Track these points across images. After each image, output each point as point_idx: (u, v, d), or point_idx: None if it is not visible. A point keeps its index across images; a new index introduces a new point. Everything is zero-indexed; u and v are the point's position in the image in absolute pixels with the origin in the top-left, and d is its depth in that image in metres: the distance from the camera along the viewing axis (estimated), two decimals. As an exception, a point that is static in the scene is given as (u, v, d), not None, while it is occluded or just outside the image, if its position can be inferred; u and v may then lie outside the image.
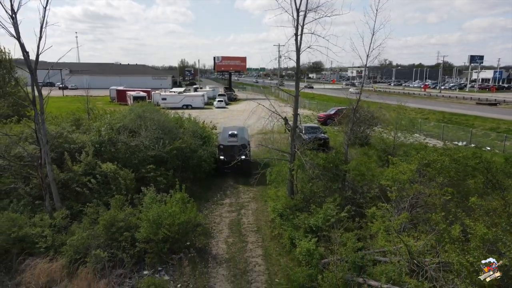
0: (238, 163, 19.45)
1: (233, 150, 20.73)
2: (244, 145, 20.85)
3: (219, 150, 21.11)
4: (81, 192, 15.89)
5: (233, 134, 22.27)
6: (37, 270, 12.07)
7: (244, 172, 20.47)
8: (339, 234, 11.71)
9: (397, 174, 11.56)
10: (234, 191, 19.37)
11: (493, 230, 8.20)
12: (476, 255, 7.75)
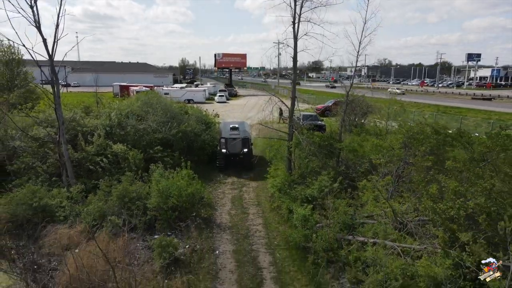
0: (240, 156, 19.96)
1: (235, 143, 20.42)
2: (247, 138, 20.71)
3: (221, 143, 20.62)
4: (93, 170, 17.09)
5: (235, 127, 21.86)
6: (58, 234, 13.26)
7: (246, 166, 20.54)
8: (332, 201, 12.92)
9: (384, 144, 12.76)
10: (235, 172, 20.53)
11: (464, 185, 9.42)
12: (449, 203, 8.96)
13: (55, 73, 15.77)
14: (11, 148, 17.78)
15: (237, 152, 20.29)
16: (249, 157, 20.48)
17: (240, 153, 20.29)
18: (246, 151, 20.39)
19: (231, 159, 20.42)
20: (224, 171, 20.49)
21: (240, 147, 20.35)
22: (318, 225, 12.65)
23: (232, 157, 20.32)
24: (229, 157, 20.31)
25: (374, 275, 8.82)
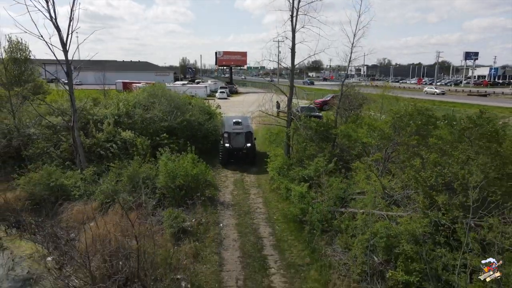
0: (243, 150, 19.93)
1: (238, 138, 20.24)
2: (250, 132, 20.59)
3: (224, 138, 20.25)
4: (104, 156, 18.23)
5: (238, 122, 21.42)
6: (74, 210, 14.39)
7: (250, 160, 20.49)
8: (327, 179, 14.03)
9: (376, 124, 13.89)
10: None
11: (442, 157, 10.53)
12: (429, 172, 10.07)
13: (69, 65, 16.87)
14: (26, 135, 18.91)
15: (240, 146, 20.10)
16: (252, 152, 20.45)
17: (243, 148, 20.09)
18: (250, 145, 20.18)
19: (234, 154, 20.24)
20: (227, 166, 20.38)
21: (244, 141, 20.17)
22: (314, 200, 13.74)
23: (235, 152, 20.14)
24: (232, 152, 20.12)
25: (361, 235, 9.93)
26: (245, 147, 20.01)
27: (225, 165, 20.30)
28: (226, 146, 20.03)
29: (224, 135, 20.28)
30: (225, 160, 20.32)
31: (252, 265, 10.82)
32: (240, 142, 20.16)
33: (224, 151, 20.12)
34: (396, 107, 23.60)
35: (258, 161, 20.42)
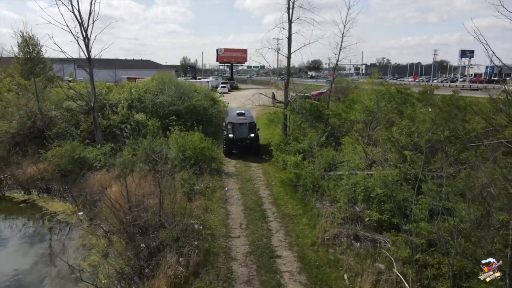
0: (247, 141, 19.99)
1: (242, 128, 20.27)
2: (253, 123, 20.62)
3: (228, 129, 20.26)
4: (119, 135, 20.19)
5: (241, 113, 21.58)
6: (97, 178, 16.39)
7: (253, 151, 20.42)
8: (318, 149, 16.03)
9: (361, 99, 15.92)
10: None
11: (413, 124, 12.53)
12: (398, 132, 12.08)
13: (89, 53, 18.87)
14: (48, 117, 20.90)
15: (244, 137, 20.13)
16: (255, 142, 20.47)
17: (247, 138, 20.11)
18: (253, 136, 20.22)
19: (237, 144, 20.24)
20: (231, 156, 20.30)
21: (247, 132, 20.22)
22: (307, 168, 15.73)
23: (239, 142, 20.14)
24: (236, 142, 20.13)
25: (344, 186, 11.93)
26: (248, 137, 20.09)
27: (228, 156, 20.37)
28: (229, 137, 20.11)
29: (227, 126, 20.32)
30: (228, 150, 20.39)
31: (253, 215, 12.83)
32: (243, 132, 20.25)
33: (228, 141, 20.19)
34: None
35: (261, 152, 20.41)
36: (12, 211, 14.90)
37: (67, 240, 12.28)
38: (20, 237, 12.94)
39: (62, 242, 12.19)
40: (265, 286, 8.75)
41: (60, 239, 12.39)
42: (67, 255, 9.92)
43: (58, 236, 12.67)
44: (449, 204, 8.75)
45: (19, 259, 11.34)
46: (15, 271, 10.57)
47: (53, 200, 15.42)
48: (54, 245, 12.17)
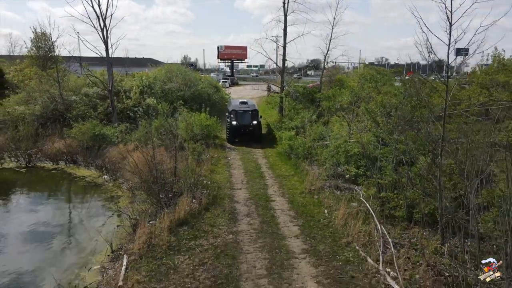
0: (250, 128, 20.67)
1: (245, 115, 20.96)
2: (256, 111, 21.33)
3: (231, 116, 20.88)
4: (132, 117, 22.54)
5: (244, 102, 22.63)
6: (115, 151, 18.71)
7: (256, 138, 21.03)
8: (310, 125, 18.37)
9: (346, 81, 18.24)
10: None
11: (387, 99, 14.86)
12: (373, 107, 14.40)
13: (106, 43, 21.22)
14: (68, 101, 23.24)
15: (247, 124, 20.80)
16: (258, 129, 21.18)
17: (250, 125, 20.76)
18: (256, 123, 20.92)
19: (241, 131, 20.82)
20: (234, 143, 20.76)
21: (250, 119, 20.90)
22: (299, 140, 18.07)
23: (242, 129, 20.74)
24: (240, 129, 20.72)
25: (329, 147, 14.26)
26: (251, 124, 20.77)
27: (232, 142, 20.89)
28: (233, 124, 20.70)
29: (231, 114, 20.96)
30: (232, 137, 20.93)
31: (252, 175, 15.17)
32: (246, 119, 20.90)
33: (232, 128, 20.74)
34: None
35: (264, 140, 21.32)
36: (46, 176, 17.26)
37: (97, 194, 14.64)
38: (60, 192, 15.42)
39: (93, 195, 14.58)
40: (261, 217, 11.08)
41: (91, 193, 14.77)
42: (100, 201, 12.27)
43: (89, 190, 15.08)
44: (403, 150, 11.10)
45: (64, 206, 13.86)
46: (65, 214, 12.96)
47: (79, 168, 17.78)
48: (88, 197, 14.57)
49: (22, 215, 12.85)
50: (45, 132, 21.32)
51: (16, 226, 11.90)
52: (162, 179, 13.77)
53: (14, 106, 23.21)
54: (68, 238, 11.07)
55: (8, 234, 11.41)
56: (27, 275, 8.81)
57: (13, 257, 9.96)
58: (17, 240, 11.05)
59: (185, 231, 10.01)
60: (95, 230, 10.92)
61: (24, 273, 8.91)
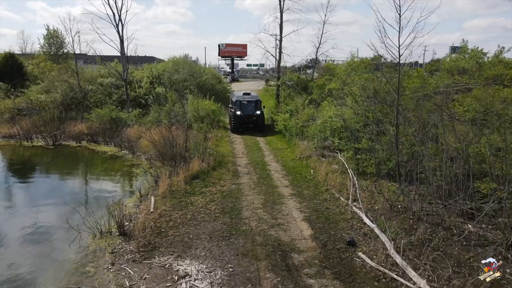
0: (253, 117, 21.58)
1: (249, 106, 21.87)
2: (259, 101, 22.26)
3: (235, 106, 21.81)
4: (143, 104, 25.03)
5: (247, 93, 23.58)
6: (131, 131, 21.18)
7: (259, 127, 21.91)
8: (302, 108, 20.85)
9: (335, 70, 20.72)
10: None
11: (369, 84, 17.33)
12: (355, 89, 16.86)
13: (121, 37, 23.69)
14: (86, 90, 25.73)
15: (251, 114, 21.65)
16: (261, 119, 22.00)
17: (253, 115, 21.65)
18: (259, 113, 21.77)
19: (245, 121, 21.68)
20: (238, 133, 21.50)
21: (254, 109, 21.85)
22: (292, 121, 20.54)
23: (246, 119, 21.61)
24: (244, 118, 21.58)
25: (317, 123, 16.73)
26: (255, 114, 21.69)
27: (236, 131, 21.76)
28: (237, 114, 21.62)
29: (235, 104, 21.90)
30: (236, 126, 21.77)
31: (251, 148, 17.67)
32: (250, 109, 21.83)
33: (236, 118, 21.64)
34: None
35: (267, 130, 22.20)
36: (72, 151, 19.78)
37: (119, 162, 17.16)
38: (88, 161, 18.04)
39: (117, 163, 17.10)
40: (259, 174, 13.57)
41: (115, 162, 17.29)
42: (124, 167, 14.77)
43: (113, 160, 17.62)
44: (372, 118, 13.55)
45: (95, 169, 16.44)
46: (98, 173, 15.48)
47: (100, 145, 20.26)
48: (113, 164, 17.10)
49: (66, 176, 15.56)
50: (67, 116, 23.81)
51: (63, 180, 14.81)
52: (176, 147, 16.33)
53: (36, 95, 25.69)
54: (103, 189, 13.54)
55: (58, 186, 14.11)
56: (81, 209, 11.30)
57: (66, 196, 12.47)
58: (72, 185, 14.32)
59: (197, 183, 12.52)
60: (126, 184, 13.47)
61: (80, 205, 11.41)
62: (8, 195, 13.13)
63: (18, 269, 7.79)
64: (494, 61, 16.58)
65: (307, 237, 8.66)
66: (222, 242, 8.40)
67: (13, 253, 8.58)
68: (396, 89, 11.87)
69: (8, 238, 9.41)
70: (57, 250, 8.71)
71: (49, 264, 8.09)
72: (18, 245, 9.02)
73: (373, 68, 20.21)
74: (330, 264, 7.47)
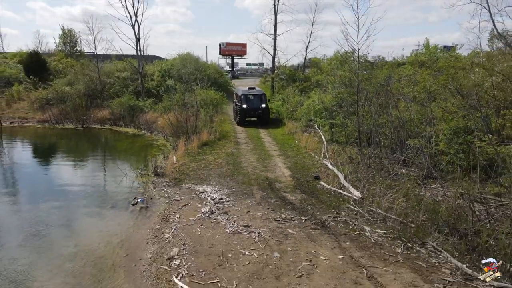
0: (259, 111, 22.02)
1: (254, 99, 22.29)
2: (264, 95, 22.80)
3: (241, 100, 22.27)
4: (155, 94, 28.75)
5: (251, 87, 24.22)
6: (148, 116, 24.89)
7: (264, 121, 22.34)
8: (293, 96, 24.59)
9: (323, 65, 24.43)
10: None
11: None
12: (333, 78, 20.56)
13: (137, 36, 27.39)
14: (104, 83, 29.44)
15: (256, 107, 22.12)
16: (266, 112, 22.49)
17: (259, 108, 22.08)
18: (264, 106, 22.25)
19: (250, 114, 22.21)
20: (244, 126, 21.88)
21: (259, 102, 22.29)
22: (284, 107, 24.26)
23: (252, 112, 22.13)
24: (249, 112, 22.03)
25: (303, 106, 20.44)
26: (260, 107, 22.13)
27: (241, 124, 22.17)
28: (243, 107, 22.07)
29: (240, 98, 22.40)
30: (242, 119, 22.24)
31: (250, 130, 21.37)
32: (255, 103, 22.31)
33: (242, 111, 22.09)
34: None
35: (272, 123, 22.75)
36: (99, 132, 23.55)
37: (140, 139, 20.91)
38: (113, 139, 21.81)
39: (138, 140, 20.86)
40: (254, 144, 17.29)
41: (137, 139, 21.06)
42: (145, 142, 18.55)
43: (135, 138, 21.39)
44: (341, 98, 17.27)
45: (122, 144, 20.07)
46: (126, 146, 19.22)
47: (121, 127, 24.00)
48: (135, 140, 20.88)
49: (103, 146, 19.38)
50: (91, 104, 27.54)
51: (99, 149, 18.38)
52: (188, 124, 19.96)
53: (61, 87, 29.37)
54: (135, 153, 17.29)
55: (99, 150, 17.82)
56: (116, 169, 14.99)
57: (108, 155, 16.23)
58: (109, 150, 17.90)
59: (207, 148, 16.25)
60: (150, 151, 17.23)
61: (115, 167, 15.14)
62: (70, 153, 17.82)
63: (90, 187, 11.60)
64: (446, 56, 20.27)
65: (287, 176, 12.40)
66: (227, 178, 12.12)
67: (84, 188, 12.41)
68: (357, 75, 15.53)
69: (77, 179, 13.25)
70: (113, 182, 12.53)
71: (110, 187, 11.93)
72: (84, 183, 12.87)
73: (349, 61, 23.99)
74: (300, 188, 11.20)
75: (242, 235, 7.95)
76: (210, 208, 9.50)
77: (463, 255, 6.90)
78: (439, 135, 12.02)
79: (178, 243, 7.65)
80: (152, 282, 6.36)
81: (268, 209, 9.43)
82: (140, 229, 8.64)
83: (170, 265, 6.82)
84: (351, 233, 8.08)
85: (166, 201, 10.22)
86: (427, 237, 7.62)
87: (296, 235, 7.96)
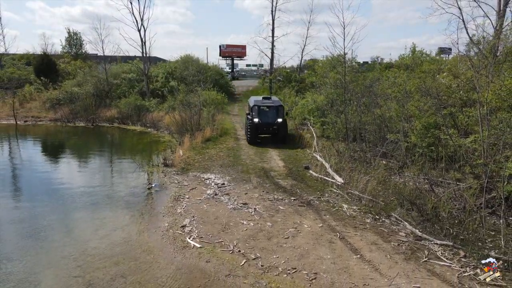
0: (274, 126, 17.89)
1: (269, 112, 18.10)
2: (281, 106, 18.68)
3: (253, 112, 17.88)
4: (160, 95, 30.46)
5: (266, 97, 19.88)
6: (153, 114, 26.62)
7: (280, 139, 18.24)
8: (289, 97, 26.32)
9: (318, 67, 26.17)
10: (243, 99, 33.70)
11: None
12: (327, 80, 22.31)
13: (143, 40, 29.13)
14: (112, 83, 31.16)
15: (270, 122, 17.90)
16: (283, 128, 18.24)
17: (274, 123, 17.90)
18: (281, 121, 18.06)
19: (263, 130, 18.08)
20: (256, 145, 17.65)
21: (275, 116, 18.04)
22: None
23: (265, 128, 17.97)
24: (262, 127, 17.90)
25: (298, 105, 22.17)
26: (276, 122, 17.92)
27: (253, 143, 17.86)
28: (254, 121, 17.68)
29: (252, 109, 18.00)
30: (253, 137, 17.90)
31: (248, 126, 23.08)
32: (270, 117, 17.99)
33: (252, 126, 17.71)
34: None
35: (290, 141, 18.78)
36: (108, 129, 25.26)
37: (147, 136, 22.63)
38: (123, 136, 23.47)
39: (145, 136, 22.58)
40: (253, 140, 19.01)
41: (144, 135, 22.77)
42: (152, 139, 20.27)
43: (142, 135, 23.10)
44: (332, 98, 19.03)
45: (131, 140, 21.79)
46: (135, 142, 20.95)
47: (129, 125, 25.73)
48: (143, 137, 22.59)
49: (114, 142, 21.03)
50: (100, 104, 29.27)
51: (113, 144, 20.11)
52: (192, 121, 21.63)
53: (70, 88, 31.09)
54: (145, 148, 19.00)
55: (111, 146, 19.54)
56: (127, 161, 16.69)
57: (120, 150, 17.96)
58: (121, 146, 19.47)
59: (209, 143, 17.97)
60: (158, 146, 18.96)
61: (125, 159, 16.84)
62: (87, 148, 19.76)
63: (110, 176, 13.32)
64: (429, 60, 22.00)
65: (281, 166, 14.13)
66: (228, 168, 13.84)
67: (104, 174, 14.15)
68: (344, 77, 17.26)
69: (101, 165, 15.01)
70: (129, 171, 14.27)
71: (127, 176, 13.66)
72: (105, 170, 14.60)
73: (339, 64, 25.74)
74: (292, 175, 12.93)
75: (241, 210, 9.67)
76: (214, 191, 11.22)
77: (417, 223, 8.62)
78: (414, 131, 13.75)
79: (189, 215, 9.36)
80: (170, 241, 8.07)
81: (263, 191, 11.15)
82: (157, 207, 10.37)
83: (183, 230, 8.54)
84: (331, 209, 9.81)
85: (176, 186, 11.93)
86: (392, 211, 9.34)
87: (286, 210, 9.68)
